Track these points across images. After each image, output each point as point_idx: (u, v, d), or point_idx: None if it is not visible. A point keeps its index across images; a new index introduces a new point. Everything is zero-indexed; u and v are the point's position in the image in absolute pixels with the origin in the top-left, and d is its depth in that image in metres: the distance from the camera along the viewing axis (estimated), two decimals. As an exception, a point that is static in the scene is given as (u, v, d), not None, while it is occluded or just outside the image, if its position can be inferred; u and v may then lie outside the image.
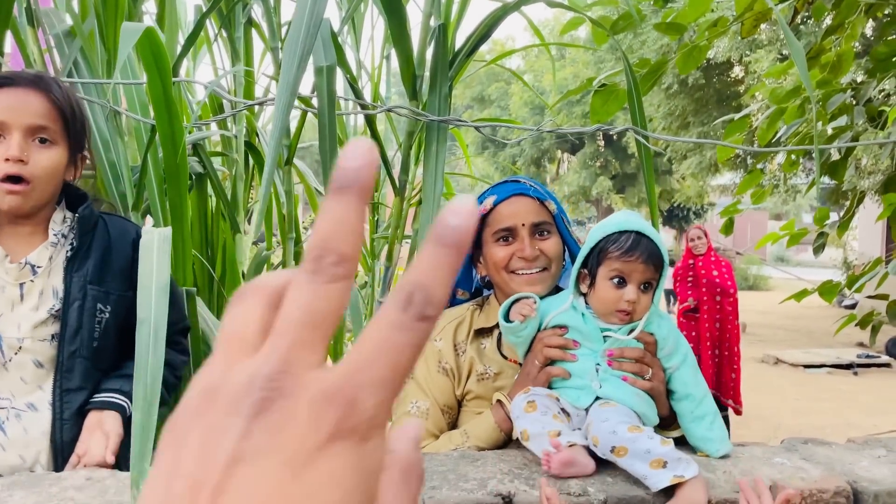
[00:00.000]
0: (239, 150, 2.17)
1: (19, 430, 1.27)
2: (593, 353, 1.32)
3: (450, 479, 1.21)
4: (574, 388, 1.32)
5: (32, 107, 1.23)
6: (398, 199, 1.89)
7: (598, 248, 1.32)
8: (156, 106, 1.47)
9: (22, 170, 1.23)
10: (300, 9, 1.02)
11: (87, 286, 1.31)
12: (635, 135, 1.85)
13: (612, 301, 1.29)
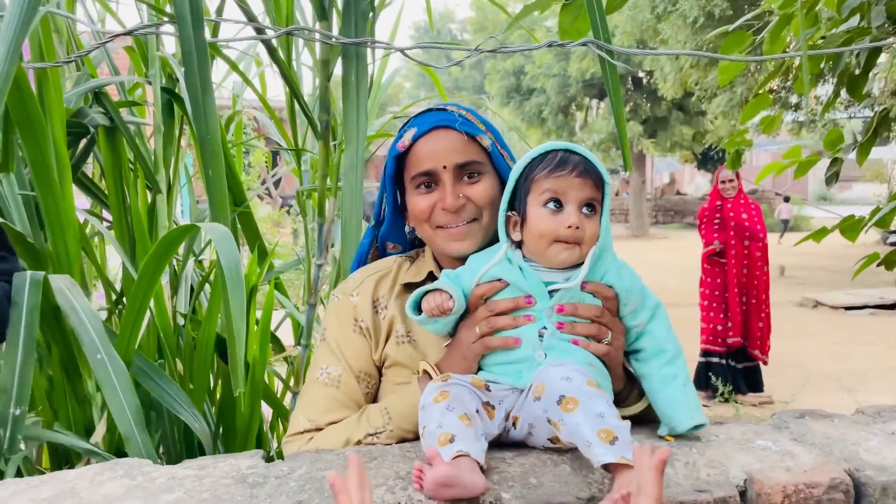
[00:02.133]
0: (155, 99, 1.90)
1: None
2: (537, 315, 1.06)
3: (326, 488, 0.95)
4: (511, 364, 1.06)
5: None
6: (322, 145, 1.61)
7: (522, 177, 1.07)
8: None
9: None
10: None
11: None
12: (596, 49, 1.53)
13: (550, 230, 1.04)
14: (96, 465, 1.05)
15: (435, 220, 1.18)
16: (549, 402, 0.94)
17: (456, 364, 1.10)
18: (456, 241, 1.17)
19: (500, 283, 1.08)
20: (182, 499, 0.93)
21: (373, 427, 1.13)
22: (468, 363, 1.09)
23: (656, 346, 1.11)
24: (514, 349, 1.05)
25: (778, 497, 0.95)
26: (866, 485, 0.97)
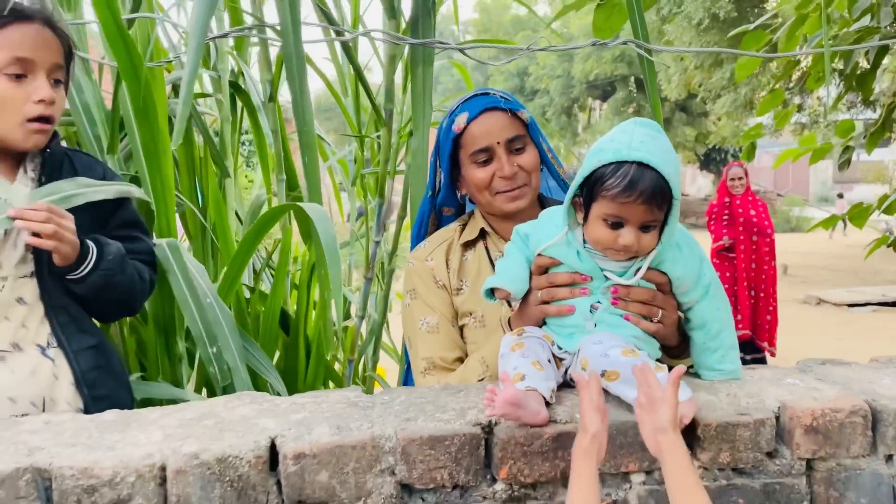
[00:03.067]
0: (224, 91, 2.09)
1: (6, 373, 1.26)
2: (592, 290, 1.19)
3: (427, 409, 1.13)
4: (565, 328, 1.21)
5: (53, 46, 1.25)
6: (386, 131, 1.79)
7: (593, 177, 1.12)
8: (111, 44, 1.40)
9: (50, 111, 1.26)
10: None
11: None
12: (636, 48, 1.71)
13: (606, 241, 1.12)
14: (224, 396, 1.23)
15: (494, 187, 1.38)
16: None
17: (523, 321, 1.27)
18: (513, 201, 1.39)
19: (551, 262, 1.21)
20: (308, 418, 1.11)
21: (476, 376, 1.33)
22: (531, 321, 1.26)
23: (702, 321, 1.21)
24: (569, 316, 1.19)
25: (807, 419, 1.12)
26: (882, 411, 1.15)
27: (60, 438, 1.06)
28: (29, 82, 1.23)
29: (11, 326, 1.28)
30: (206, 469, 0.99)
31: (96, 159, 1.42)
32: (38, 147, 1.29)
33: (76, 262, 1.27)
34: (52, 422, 1.12)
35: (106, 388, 1.35)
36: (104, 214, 1.36)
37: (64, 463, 0.98)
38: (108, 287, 1.32)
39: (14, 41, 1.21)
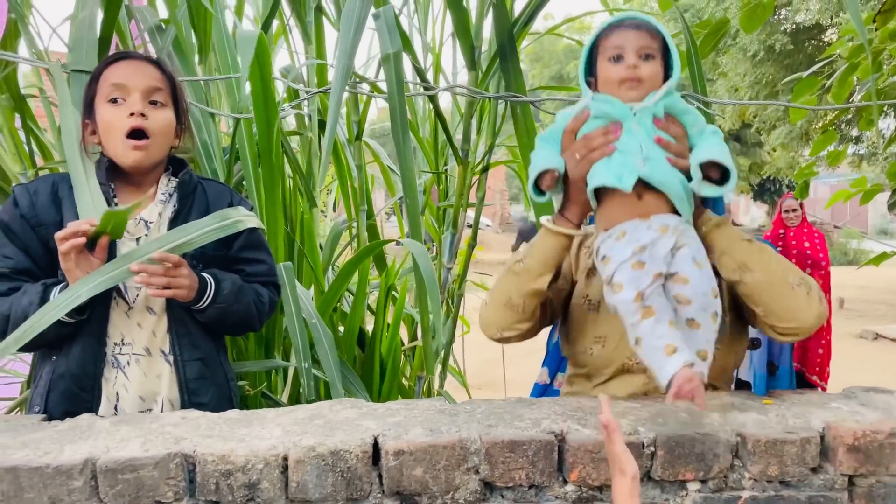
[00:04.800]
0: (313, 130, 2.31)
1: (138, 374, 1.45)
2: (629, 133, 1.23)
3: (506, 418, 1.29)
4: (612, 170, 1.24)
5: (148, 72, 1.41)
6: (462, 169, 1.98)
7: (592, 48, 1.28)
8: (255, 97, 1.62)
9: (143, 123, 1.39)
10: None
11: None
12: (693, 100, 1.86)
13: (615, 77, 1.23)
14: (328, 401, 1.41)
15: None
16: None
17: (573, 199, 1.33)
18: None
19: (584, 113, 1.26)
20: (403, 421, 1.28)
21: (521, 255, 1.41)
22: (580, 190, 1.29)
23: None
24: (616, 158, 1.23)
25: (849, 439, 1.25)
26: (919, 435, 1.27)
27: (198, 431, 1.25)
28: (125, 104, 1.39)
29: (145, 333, 1.47)
30: (321, 460, 1.17)
31: (227, 187, 1.59)
32: (137, 164, 1.42)
33: (196, 296, 1.44)
34: (187, 417, 1.32)
35: (206, 397, 1.51)
36: (231, 237, 1.51)
37: (206, 450, 1.17)
38: (226, 316, 1.49)
39: (113, 74, 1.41)
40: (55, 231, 1.37)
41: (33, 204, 1.40)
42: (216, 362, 1.57)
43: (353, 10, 1.11)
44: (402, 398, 2.42)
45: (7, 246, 1.40)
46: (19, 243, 1.40)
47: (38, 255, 1.41)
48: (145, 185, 1.49)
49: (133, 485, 1.14)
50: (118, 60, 1.43)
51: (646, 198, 1.25)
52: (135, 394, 1.45)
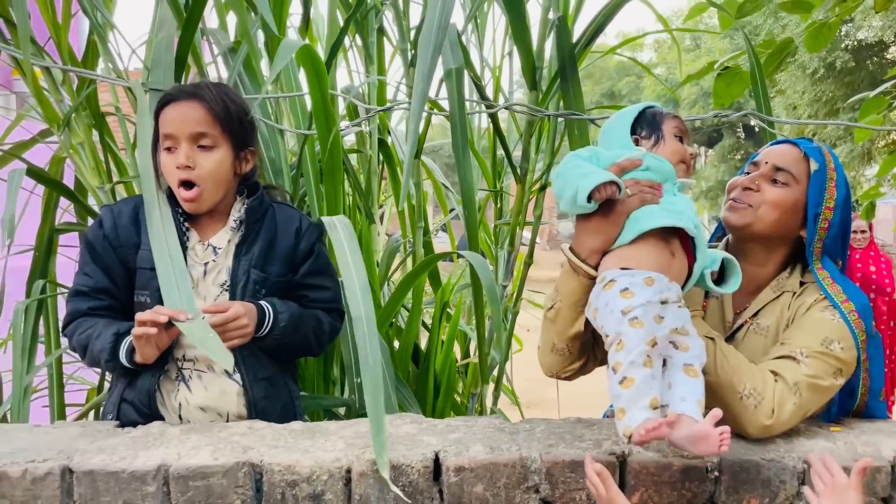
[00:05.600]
0: (373, 147, 2.36)
1: (200, 389, 1.47)
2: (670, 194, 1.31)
3: (566, 438, 1.29)
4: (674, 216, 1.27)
5: (193, 117, 1.42)
6: (520, 187, 1.99)
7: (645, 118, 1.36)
8: (316, 114, 1.66)
9: (190, 174, 1.42)
10: (430, 13, 1.15)
11: (250, 270, 1.49)
12: (757, 119, 1.84)
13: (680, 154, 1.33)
14: (388, 415, 1.43)
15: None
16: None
17: (600, 234, 1.28)
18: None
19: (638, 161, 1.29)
20: (463, 437, 1.29)
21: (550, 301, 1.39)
22: (616, 223, 1.27)
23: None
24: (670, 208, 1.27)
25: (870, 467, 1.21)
26: None
27: (264, 441, 1.28)
28: (175, 153, 1.43)
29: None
30: (383, 474, 1.19)
31: (298, 212, 1.60)
32: (192, 211, 1.47)
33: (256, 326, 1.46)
34: (254, 427, 1.36)
35: (273, 416, 1.51)
36: (297, 263, 1.55)
37: (272, 460, 1.20)
38: (284, 345, 1.51)
39: (165, 121, 1.44)
40: (134, 252, 1.43)
41: (116, 225, 1.46)
42: (281, 382, 1.58)
43: (431, 35, 1.14)
44: (455, 415, 2.43)
45: (89, 265, 1.45)
46: (101, 263, 1.45)
47: (117, 274, 1.46)
48: (218, 213, 1.52)
49: (203, 492, 1.17)
50: (168, 103, 1.45)
51: (676, 259, 1.27)
52: (196, 406, 1.48)
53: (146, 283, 1.44)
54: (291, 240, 1.55)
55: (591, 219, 1.28)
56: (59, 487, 1.16)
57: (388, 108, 2.04)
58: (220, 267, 1.49)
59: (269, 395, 1.53)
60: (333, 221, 1.36)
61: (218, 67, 2.02)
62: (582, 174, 1.25)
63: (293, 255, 1.54)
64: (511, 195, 2.36)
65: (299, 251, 1.55)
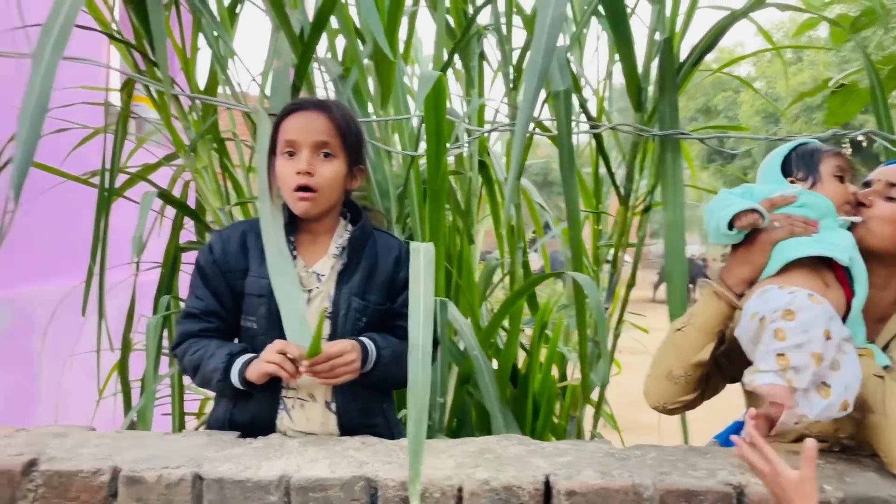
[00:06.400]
0: (473, 169, 2.39)
1: (302, 418, 1.51)
2: (828, 230, 1.31)
3: (679, 466, 1.27)
4: (825, 245, 1.27)
5: (317, 126, 1.46)
6: (623, 209, 1.98)
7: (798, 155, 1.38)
8: (429, 137, 1.70)
9: (309, 181, 1.45)
10: (537, 38, 1.18)
11: (351, 298, 1.51)
12: (878, 139, 1.77)
13: (842, 197, 1.33)
14: (495, 436, 1.45)
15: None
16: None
17: (747, 263, 1.31)
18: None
19: (792, 197, 1.30)
20: (573, 461, 1.29)
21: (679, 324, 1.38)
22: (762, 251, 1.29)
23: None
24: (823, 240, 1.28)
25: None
26: None
27: (377, 456, 1.32)
28: (296, 158, 1.45)
29: (310, 379, 1.46)
30: (494, 494, 1.20)
31: (398, 242, 1.62)
32: (305, 213, 1.48)
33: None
34: (367, 442, 1.40)
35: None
36: (396, 292, 1.55)
37: (387, 475, 1.24)
38: (385, 380, 1.52)
39: (288, 127, 1.47)
40: (241, 277, 1.49)
41: (225, 251, 1.51)
42: (378, 410, 1.60)
43: (537, 63, 1.16)
44: (553, 437, 2.41)
45: (200, 288, 1.52)
46: (210, 287, 1.51)
47: (225, 298, 1.52)
48: (322, 237, 1.55)
49: (321, 503, 1.22)
50: (293, 112, 1.49)
51: (830, 290, 1.25)
52: (298, 433, 1.51)
53: (254, 308, 1.49)
54: (391, 268, 1.56)
55: (738, 248, 1.32)
56: (191, 493, 1.23)
57: (493, 130, 2.08)
58: (323, 294, 1.51)
59: (365, 424, 1.54)
60: (418, 247, 1.36)
61: (327, 92, 2.11)
62: (727, 205, 1.29)
63: (392, 283, 1.55)
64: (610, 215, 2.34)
65: (398, 280, 1.55)
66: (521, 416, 2.29)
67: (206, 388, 1.52)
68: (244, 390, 1.45)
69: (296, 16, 2.16)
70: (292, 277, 1.40)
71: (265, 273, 1.44)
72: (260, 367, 1.40)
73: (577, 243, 1.67)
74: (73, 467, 1.26)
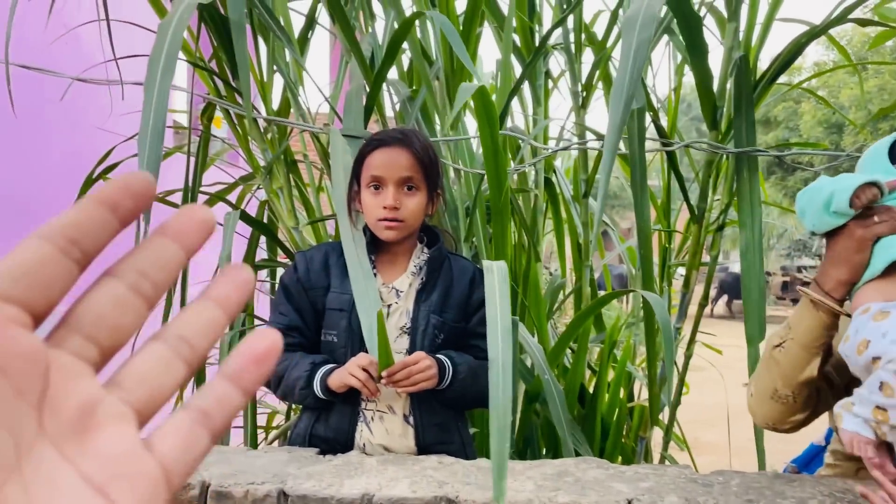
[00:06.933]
0: (539, 186, 2.40)
1: (382, 430, 1.56)
2: None
3: (766, 494, 1.24)
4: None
5: (402, 162, 1.53)
6: (696, 227, 1.95)
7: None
8: (486, 155, 1.72)
9: (395, 214, 1.53)
10: (623, 62, 1.18)
11: (430, 315, 1.57)
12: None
13: None
14: (572, 458, 1.44)
15: None
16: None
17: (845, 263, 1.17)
18: None
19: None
20: (655, 486, 1.27)
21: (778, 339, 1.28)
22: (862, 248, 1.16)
23: None
24: None
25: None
26: None
27: (456, 477, 1.33)
28: (382, 192, 1.53)
29: (389, 392, 1.54)
30: (577, 519, 1.20)
31: (473, 265, 1.67)
32: (390, 239, 1.55)
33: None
34: (444, 462, 1.41)
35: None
36: (470, 312, 1.62)
37: (467, 497, 1.24)
38: (462, 398, 1.57)
39: (373, 163, 1.54)
40: (323, 294, 1.56)
41: (308, 270, 1.58)
42: (454, 427, 1.63)
43: (623, 87, 1.16)
44: (622, 458, 2.38)
45: (284, 305, 1.58)
46: (294, 303, 1.58)
47: (307, 315, 1.58)
48: (400, 257, 1.62)
49: (404, 523, 1.23)
50: (378, 147, 1.55)
51: None
52: (378, 448, 1.55)
53: (335, 322, 1.55)
54: (466, 289, 1.62)
55: (837, 243, 1.18)
56: (276, 509, 1.26)
57: (564, 149, 2.07)
58: (401, 310, 1.57)
59: (442, 441, 1.58)
60: (492, 265, 1.38)
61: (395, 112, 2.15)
62: (835, 182, 1.15)
63: (467, 304, 1.62)
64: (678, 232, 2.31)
65: (473, 300, 1.62)
66: (589, 437, 2.27)
67: (288, 399, 1.56)
68: (325, 400, 1.51)
69: (366, 40, 2.22)
70: (373, 292, 1.45)
71: (347, 289, 1.51)
72: (342, 378, 1.46)
73: (648, 262, 1.66)
74: (163, 481, 1.30)
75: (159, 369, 0.29)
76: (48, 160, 3.50)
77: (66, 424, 0.27)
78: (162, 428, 0.29)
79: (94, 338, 0.28)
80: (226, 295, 0.31)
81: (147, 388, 0.29)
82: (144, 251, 0.30)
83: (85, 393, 0.28)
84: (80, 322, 0.28)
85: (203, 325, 0.31)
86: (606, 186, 1.15)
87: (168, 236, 0.30)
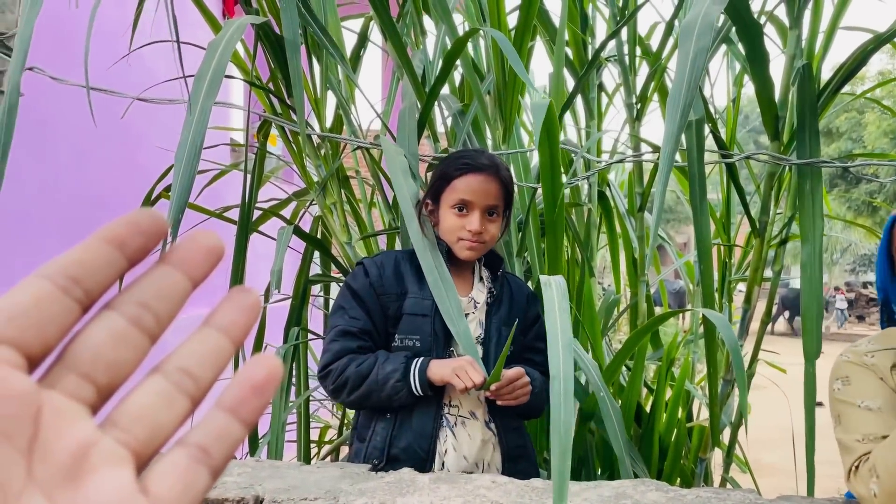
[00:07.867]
0: (593, 200, 2.36)
1: (465, 435, 1.57)
2: None
3: (838, 522, 1.18)
4: None
5: (490, 190, 1.57)
6: (759, 241, 1.89)
7: None
8: (543, 169, 1.71)
9: (479, 238, 1.57)
10: (679, 73, 1.15)
11: (500, 328, 1.62)
12: None
13: None
14: (630, 480, 1.39)
15: None
16: None
17: None
18: None
19: None
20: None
21: None
22: None
23: None
24: None
25: None
26: None
27: (509, 497, 1.30)
28: (468, 216, 1.56)
29: (471, 398, 1.58)
30: (635, 543, 1.16)
31: (526, 285, 1.74)
32: (468, 258, 1.60)
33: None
34: (497, 482, 1.38)
35: (523, 464, 1.61)
36: (527, 327, 1.67)
37: (521, 518, 1.21)
38: (530, 406, 1.58)
39: (462, 187, 1.56)
40: (395, 300, 1.58)
41: (381, 275, 1.60)
42: (525, 432, 1.69)
43: (679, 96, 1.13)
44: (681, 480, 2.31)
45: (355, 309, 1.59)
46: (365, 308, 1.59)
47: (377, 319, 1.59)
48: (465, 271, 1.67)
49: (456, 543, 1.21)
50: (469, 172, 1.57)
51: None
52: (460, 454, 1.55)
53: (417, 327, 1.57)
54: (524, 305, 1.68)
55: None
56: (328, 526, 1.26)
57: (618, 161, 2.04)
58: (476, 321, 1.62)
59: (521, 445, 1.63)
60: (549, 280, 1.35)
61: (446, 128, 2.15)
62: None
63: (525, 319, 1.66)
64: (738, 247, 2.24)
65: (529, 315, 1.68)
66: (646, 458, 2.21)
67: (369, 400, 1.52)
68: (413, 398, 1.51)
69: (417, 56, 2.23)
70: (456, 300, 1.48)
71: (427, 294, 1.54)
72: (445, 374, 1.48)
73: (708, 277, 1.61)
74: (218, 495, 1.31)
75: (159, 405, 0.27)
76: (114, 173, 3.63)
77: (58, 470, 0.25)
78: (158, 467, 0.26)
79: (90, 376, 0.26)
80: (231, 321, 0.29)
81: (146, 426, 0.27)
82: (147, 282, 0.28)
83: (78, 436, 0.25)
84: (75, 360, 0.26)
85: (207, 356, 0.28)
86: (663, 199, 1.11)
87: (173, 265, 0.28)
